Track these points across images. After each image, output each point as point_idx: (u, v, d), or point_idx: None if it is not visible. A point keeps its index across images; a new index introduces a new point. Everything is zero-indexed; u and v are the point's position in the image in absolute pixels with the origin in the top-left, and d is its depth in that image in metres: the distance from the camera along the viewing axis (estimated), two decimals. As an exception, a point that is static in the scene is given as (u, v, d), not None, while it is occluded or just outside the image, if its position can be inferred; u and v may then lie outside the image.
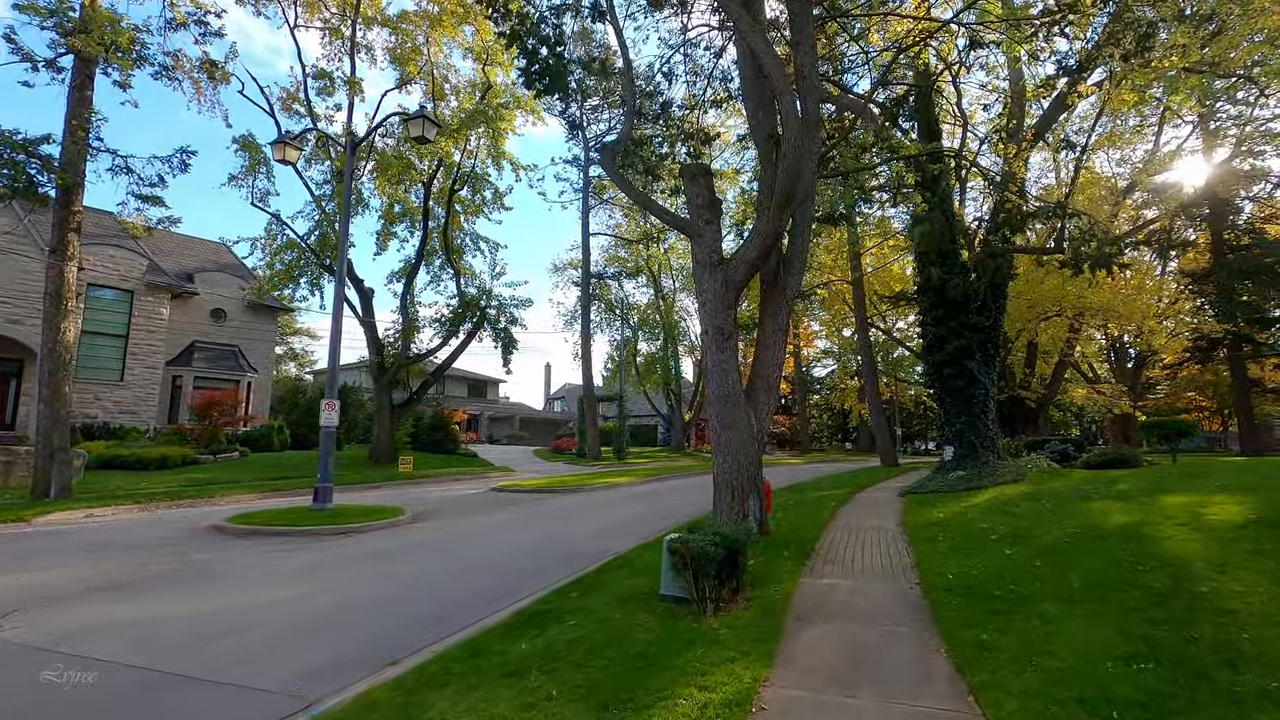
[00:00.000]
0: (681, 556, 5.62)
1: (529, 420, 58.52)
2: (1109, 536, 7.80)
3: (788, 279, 9.60)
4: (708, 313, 9.27)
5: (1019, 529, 9.01)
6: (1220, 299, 30.23)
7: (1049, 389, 30.29)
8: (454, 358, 29.02)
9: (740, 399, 9.09)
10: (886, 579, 6.88)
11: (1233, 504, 8.95)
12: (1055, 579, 6.17)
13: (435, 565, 8.11)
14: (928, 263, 16.84)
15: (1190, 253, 33.94)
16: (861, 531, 10.07)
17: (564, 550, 9.23)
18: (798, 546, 8.46)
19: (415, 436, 32.51)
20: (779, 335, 9.54)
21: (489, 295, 28.15)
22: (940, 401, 17.37)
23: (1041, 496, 11.88)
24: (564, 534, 10.77)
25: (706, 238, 9.39)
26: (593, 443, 34.79)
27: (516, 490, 17.97)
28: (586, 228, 36.70)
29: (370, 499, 15.86)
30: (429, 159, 21.97)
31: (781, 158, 8.56)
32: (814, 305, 46.32)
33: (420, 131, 11.56)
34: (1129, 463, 16.20)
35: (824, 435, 62.83)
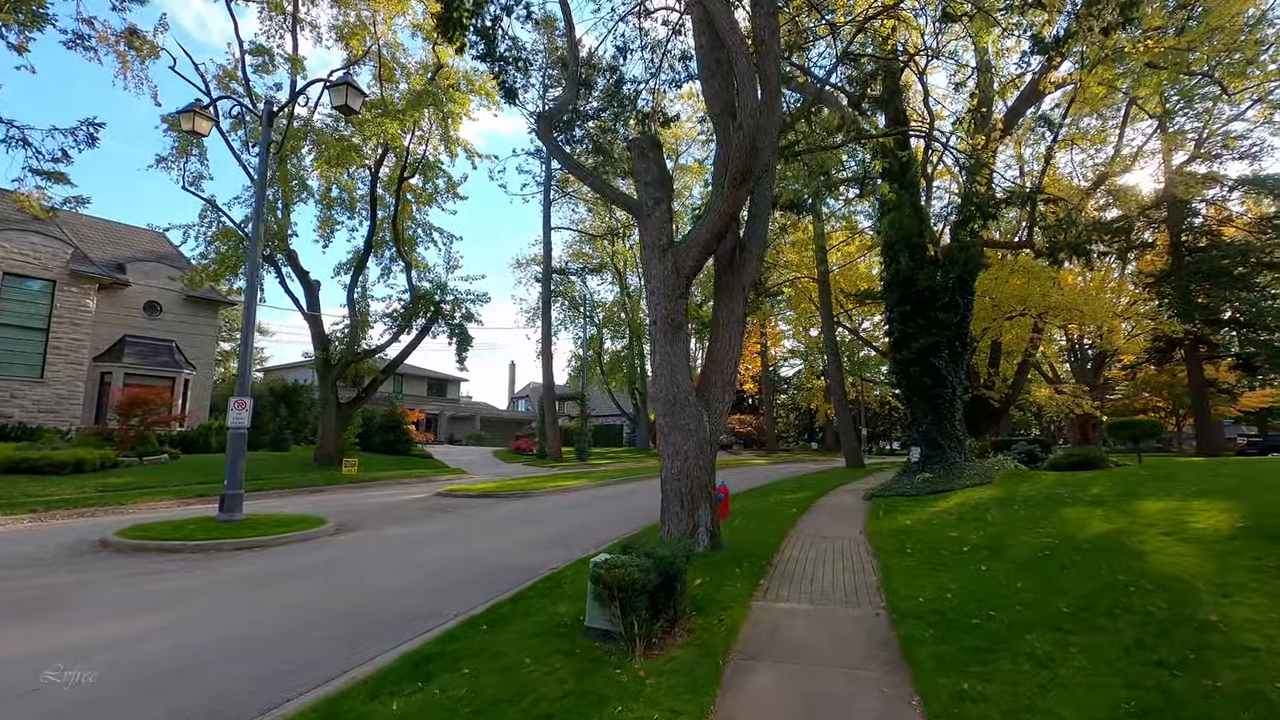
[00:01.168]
0: (607, 586, 4.67)
1: (491, 420, 57.02)
2: (1091, 549, 7.09)
3: (745, 264, 8.72)
4: (656, 301, 8.34)
5: (992, 539, 8.29)
6: (1178, 300, 30.47)
7: (1013, 389, 30.15)
8: (406, 354, 27.63)
9: (691, 397, 8.18)
10: (850, 602, 6.02)
11: (1216, 511, 8.34)
12: (1040, 604, 5.37)
13: (333, 590, 7.01)
14: (896, 254, 16.19)
15: (1149, 254, 34.29)
16: (824, 542, 9.25)
17: (492, 567, 8.20)
18: (753, 561, 7.58)
19: (365, 437, 31.06)
20: (735, 325, 8.66)
21: (443, 289, 26.83)
22: (907, 401, 16.76)
23: (1013, 501, 11.24)
24: (498, 547, 9.73)
25: (656, 218, 8.46)
26: (553, 443, 33.67)
27: (462, 495, 16.82)
28: (548, 221, 35.56)
29: (300, 505, 14.58)
30: (373, 140, 20.64)
31: (737, 129, 7.66)
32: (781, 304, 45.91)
33: (344, 100, 10.40)
34: (1096, 464, 15.76)
35: (790, 435, 62.59)
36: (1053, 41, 9.15)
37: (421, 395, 52.38)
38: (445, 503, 15.67)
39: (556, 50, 19.35)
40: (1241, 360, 32.69)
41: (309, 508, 14.08)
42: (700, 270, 8.68)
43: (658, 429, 8.27)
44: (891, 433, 61.71)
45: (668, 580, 5.02)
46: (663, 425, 8.27)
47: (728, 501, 11.99)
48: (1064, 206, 12.39)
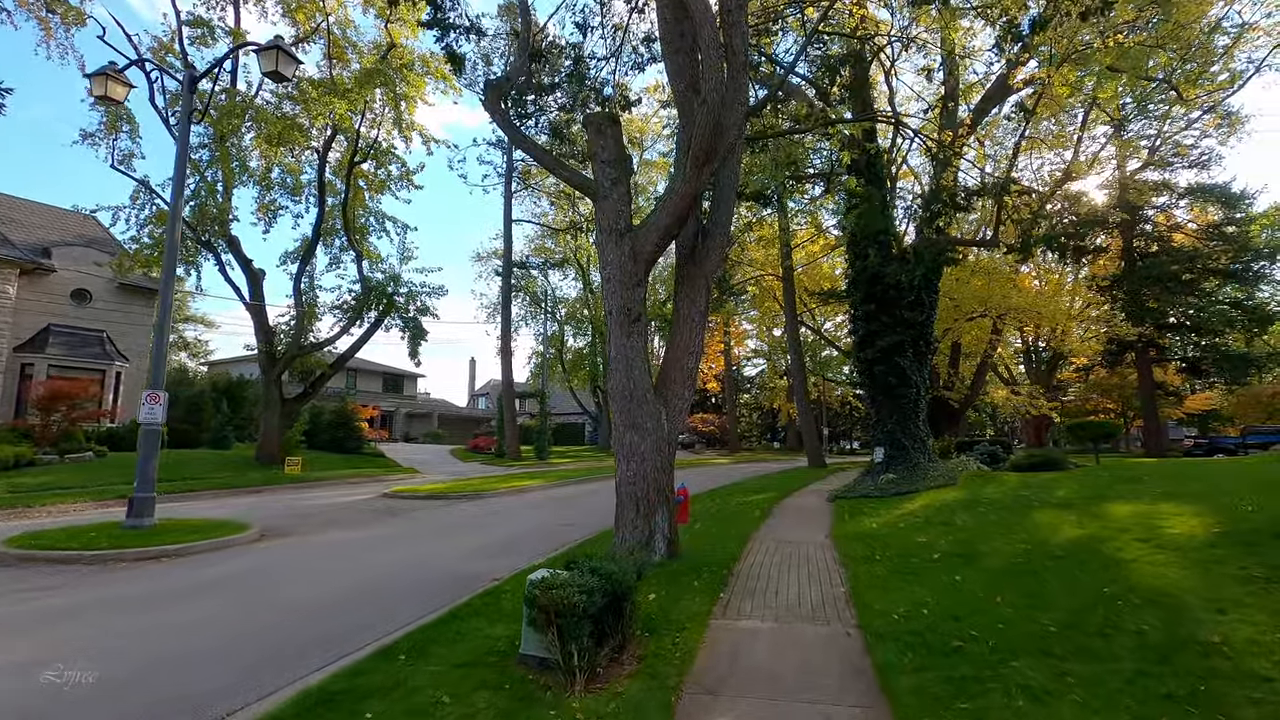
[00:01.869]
0: (543, 610, 4.01)
1: (449, 418, 55.57)
2: (1067, 556, 6.70)
3: (708, 252, 8.13)
4: (612, 289, 7.70)
5: (963, 545, 7.88)
6: (1130, 303, 31.14)
7: (972, 390, 30.40)
8: (357, 348, 26.42)
9: (648, 394, 7.57)
10: (819, 619, 5.48)
11: (1187, 515, 8.09)
12: (1023, 622, 4.90)
13: (239, 608, 6.19)
14: (862, 250, 15.88)
15: (1102, 259, 34.99)
16: (788, 547, 8.74)
17: (429, 578, 7.45)
18: (713, 571, 7.00)
19: (313, 434, 29.68)
20: (697, 318, 8.07)
21: (397, 281, 25.71)
22: (871, 401, 16.47)
23: (979, 504, 10.94)
24: (439, 554, 8.97)
25: (613, 200, 7.81)
26: (511, 441, 32.74)
27: (409, 496, 15.91)
28: (509, 214, 34.56)
29: (230, 508, 13.52)
30: (320, 120, 19.48)
31: (701, 103, 7.06)
32: (745, 304, 45.74)
33: (274, 66, 9.48)
34: (1057, 465, 15.69)
35: (753, 434, 62.62)
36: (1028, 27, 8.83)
37: (376, 391, 50.72)
38: (390, 504, 14.77)
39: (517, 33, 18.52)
40: (1189, 364, 33.64)
41: (238, 511, 13.06)
42: (660, 256, 8.07)
43: (612, 427, 7.65)
44: (852, 432, 62.27)
45: (615, 601, 4.38)
46: (618, 424, 7.63)
47: (687, 504, 11.43)
48: (1036, 199, 12.17)
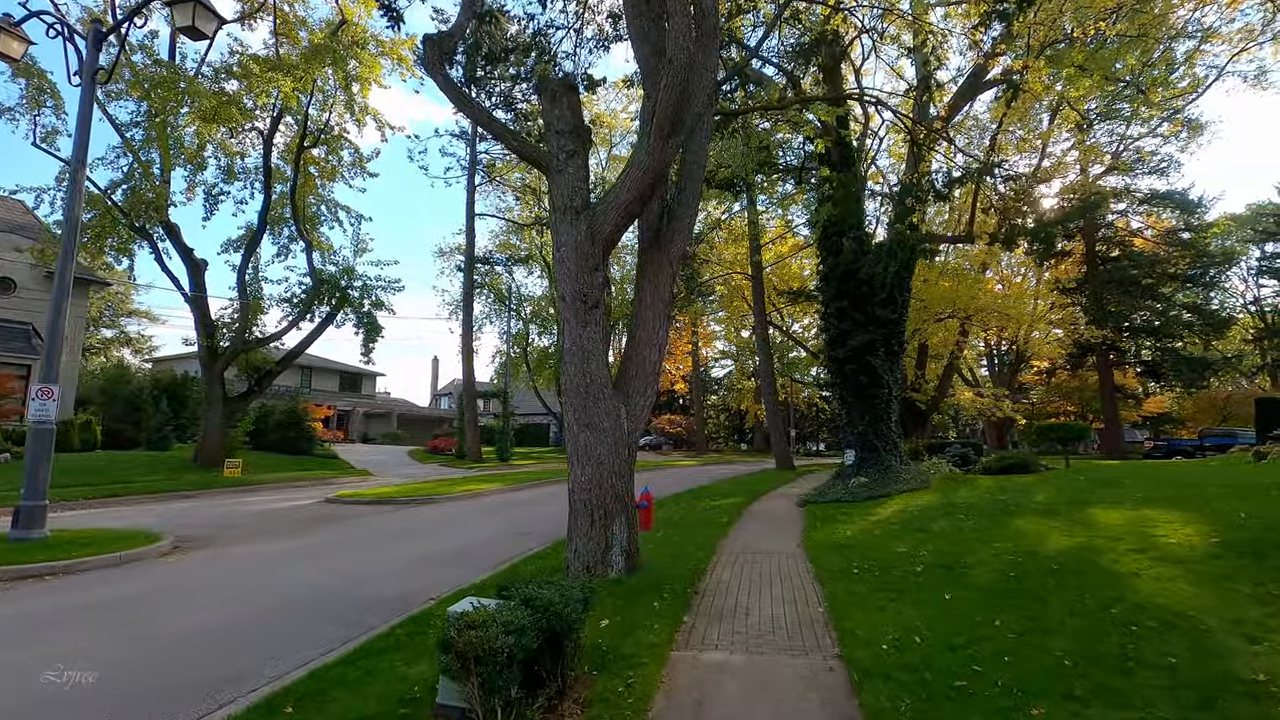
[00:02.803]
0: (460, 657, 3.19)
1: (410, 418, 53.86)
2: (1063, 570, 6.12)
3: (673, 234, 7.39)
4: (566, 273, 6.89)
5: (946, 555, 7.27)
6: (1092, 307, 31.43)
7: (938, 391, 30.33)
8: (307, 344, 25.01)
9: (606, 390, 6.78)
10: (795, 648, 4.76)
11: (1178, 523, 7.62)
12: (1031, 652, 4.25)
13: (120, 639, 5.21)
14: (834, 247, 15.34)
15: (1065, 263, 35.35)
16: (758, 559, 8.03)
17: (356, 599, 6.54)
18: (676, 589, 6.25)
19: (260, 434, 28.20)
20: (661, 307, 7.32)
21: (350, 274, 24.43)
22: (842, 401, 15.95)
23: (956, 510, 10.41)
24: (373, 569, 8.04)
25: (569, 174, 7.01)
26: (472, 443, 31.60)
27: (354, 501, 14.84)
28: (471, 206, 33.45)
29: (153, 515, 12.31)
30: (263, 98, 18.22)
31: (667, 64, 6.32)
32: (713, 304, 45.29)
33: (190, 20, 8.44)
34: (1029, 468, 15.40)
35: (720, 436, 62.26)
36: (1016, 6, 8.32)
37: (332, 391, 48.87)
38: (333, 510, 13.69)
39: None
40: (1148, 367, 34.16)
41: (159, 518, 11.87)
42: (620, 238, 7.30)
43: (566, 427, 6.86)
44: (819, 434, 62.29)
45: (554, 639, 3.59)
46: (572, 423, 6.84)
47: (651, 510, 10.68)
48: (1021, 184, 11.77)
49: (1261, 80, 20.57)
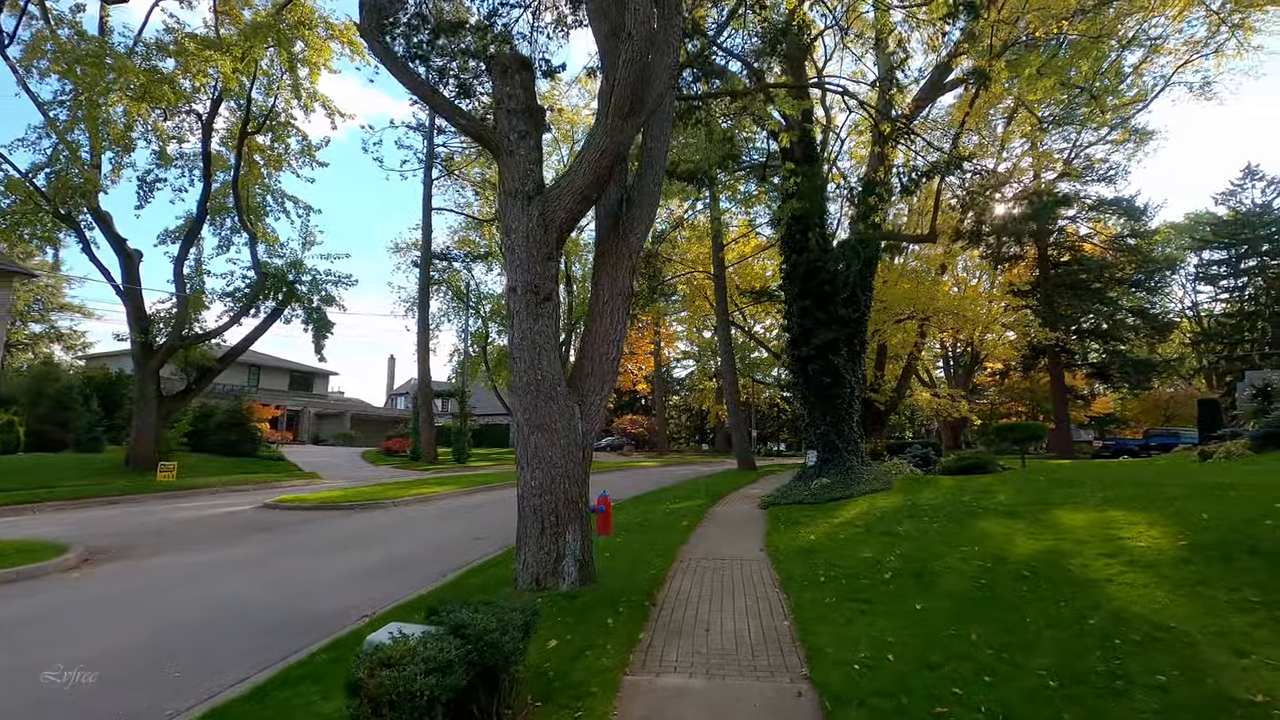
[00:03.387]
0: (372, 702, 2.69)
1: (364, 419, 52.22)
2: (1035, 576, 5.89)
3: (633, 223, 6.95)
4: (517, 262, 6.40)
5: (914, 561, 7.01)
6: (1044, 309, 32.17)
7: (897, 392, 30.61)
8: (251, 340, 23.82)
9: (559, 388, 6.31)
10: (760, 668, 4.37)
11: (1143, 525, 7.52)
12: (1012, 670, 3.94)
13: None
14: (798, 245, 15.13)
15: (1018, 267, 36.17)
16: (720, 566, 7.66)
17: (278, 618, 5.93)
18: (632, 602, 5.81)
19: (200, 435, 26.79)
20: (619, 300, 6.87)
21: (298, 267, 23.35)
22: (805, 401, 15.75)
23: (920, 512, 10.24)
24: (305, 582, 7.40)
25: (520, 156, 6.52)
26: (427, 444, 30.66)
27: (296, 506, 14.00)
28: (429, 201, 32.48)
29: (66, 525, 11.34)
30: (200, 79, 17.14)
31: (626, 39, 5.89)
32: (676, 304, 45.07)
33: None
34: (987, 468, 15.46)
35: (682, 436, 62.13)
36: None
37: (282, 390, 47.03)
38: (271, 517, 12.86)
39: None
40: (1096, 369, 35.15)
41: (77, 526, 10.93)
42: (575, 225, 6.84)
43: (516, 428, 6.37)
44: (779, 434, 62.67)
45: (488, 674, 3.12)
46: (521, 424, 6.34)
47: (609, 515, 10.22)
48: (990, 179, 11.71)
49: (1206, 90, 21.15)
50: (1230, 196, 49.69)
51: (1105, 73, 20.67)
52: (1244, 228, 47.43)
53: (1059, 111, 25.12)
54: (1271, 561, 5.51)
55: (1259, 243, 46.63)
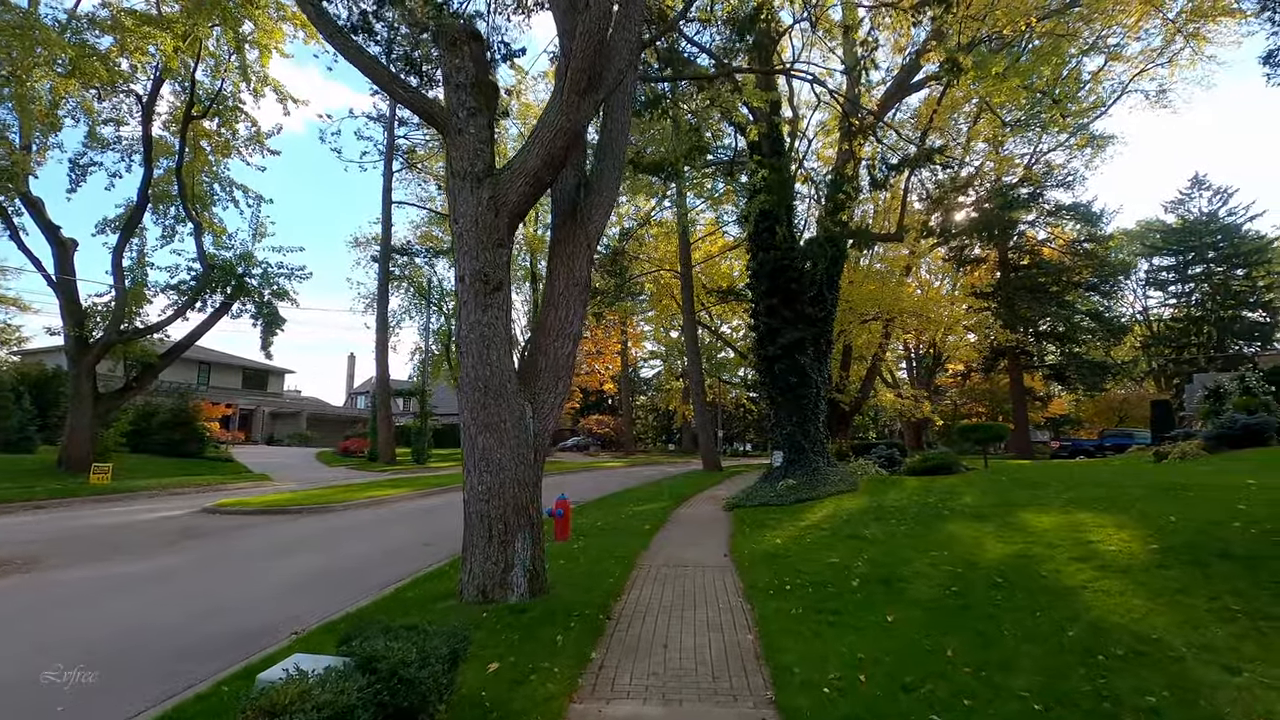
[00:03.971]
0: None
1: (322, 418, 50.64)
2: (1007, 584, 5.64)
3: (591, 210, 6.52)
4: (465, 249, 5.92)
5: (882, 567, 6.73)
6: (1004, 312, 32.67)
7: (861, 392, 30.74)
8: (197, 336, 22.68)
9: (509, 385, 5.85)
10: (723, 693, 3.99)
11: (1111, 527, 7.37)
12: (992, 692, 3.63)
13: None
14: (765, 242, 14.87)
15: (980, 270, 36.70)
16: (682, 574, 7.27)
17: (193, 640, 5.35)
18: (586, 615, 5.39)
19: (144, 435, 25.56)
20: (576, 291, 6.44)
21: (248, 260, 22.32)
22: (771, 401, 15.50)
23: (887, 514, 10.03)
24: (233, 595, 6.80)
25: (470, 134, 6.04)
26: (385, 444, 29.73)
27: (237, 510, 13.20)
28: (388, 193, 31.56)
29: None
30: (138, 56, 16.11)
31: (584, 8, 5.46)
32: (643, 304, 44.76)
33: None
34: (952, 468, 15.41)
35: (649, 436, 61.82)
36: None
37: (234, 388, 45.29)
38: (209, 522, 12.07)
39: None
40: (1053, 371, 35.86)
41: None
42: (528, 210, 6.36)
43: (462, 428, 5.89)
44: (745, 434, 62.81)
45: (406, 715, 2.66)
46: (468, 423, 5.86)
47: (569, 519, 9.80)
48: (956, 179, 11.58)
49: (1162, 98, 21.63)
50: (1179, 205, 51.43)
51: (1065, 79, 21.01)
52: (1191, 235, 49.14)
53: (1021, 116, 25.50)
54: (1245, 566, 5.35)
55: (1205, 250, 48.35)
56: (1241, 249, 46.70)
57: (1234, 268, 47.18)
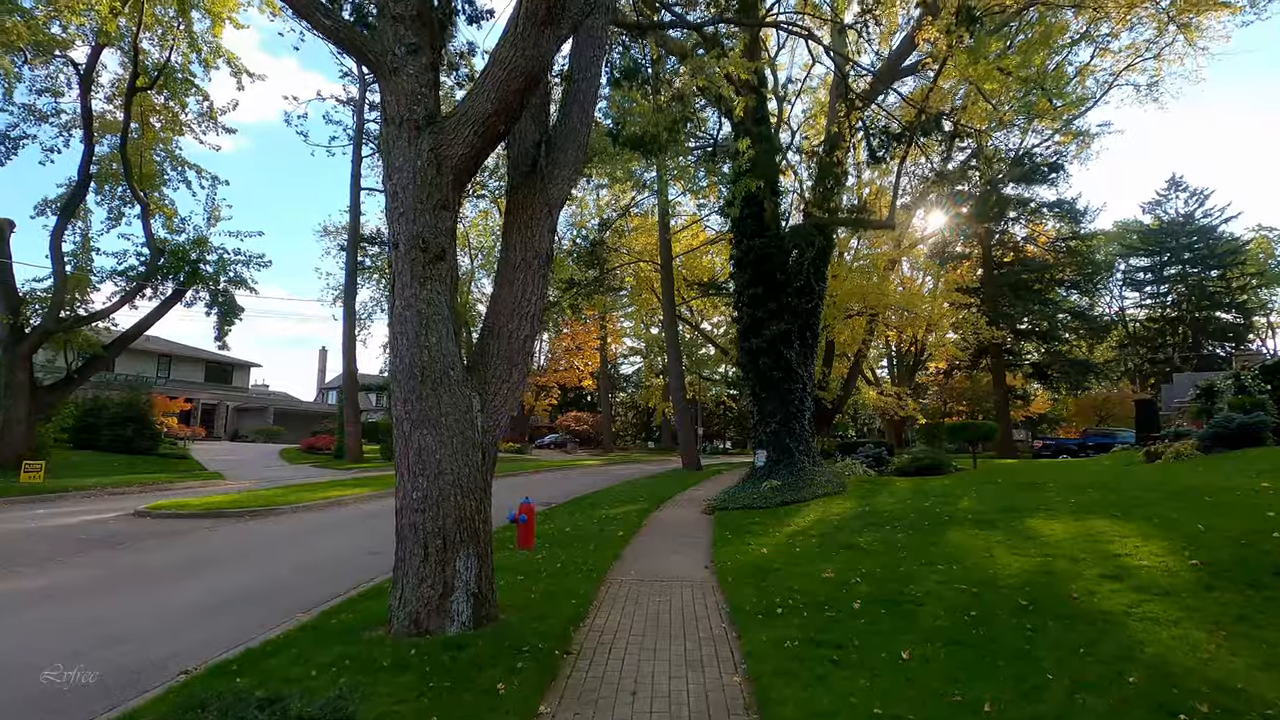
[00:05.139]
0: None
1: (290, 413, 48.91)
2: (1036, 607, 4.82)
3: (554, 170, 5.59)
4: (400, 210, 4.96)
5: (884, 583, 5.90)
6: (988, 309, 32.29)
7: (844, 390, 30.13)
8: (147, 325, 21.34)
9: (452, 373, 4.91)
10: (702, 762, 3.11)
11: (1137, 538, 6.61)
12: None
13: None
14: (749, 229, 14.04)
15: (963, 267, 36.32)
16: (658, 592, 6.38)
17: (41, 692, 4.34)
18: (541, 648, 4.47)
19: (92, 431, 24.15)
20: (536, 265, 5.50)
21: (203, 245, 21.02)
22: (755, 397, 14.69)
23: (881, 519, 9.23)
24: (141, 617, 5.77)
25: (408, 75, 5.07)
26: (352, 440, 28.47)
27: (172, 513, 12.03)
28: (357, 179, 30.21)
29: None
30: (73, 19, 14.82)
31: (542, -80, 4.53)
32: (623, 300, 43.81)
33: None
34: (942, 468, 14.75)
35: (629, 434, 60.92)
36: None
37: (197, 382, 43.50)
38: (135, 528, 10.92)
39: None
40: (1036, 369, 35.60)
41: None
42: (478, 166, 5.42)
43: (394, 424, 4.94)
44: (725, 432, 62.17)
45: None
46: (401, 418, 4.91)
47: (533, 525, 8.86)
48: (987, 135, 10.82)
49: (1153, 90, 21.18)
50: (1156, 206, 51.71)
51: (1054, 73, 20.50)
52: (1168, 236, 49.41)
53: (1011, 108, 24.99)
54: (1310, 588, 4.60)
55: (1181, 251, 48.63)
56: (1217, 250, 47.03)
57: (1209, 269, 47.50)
